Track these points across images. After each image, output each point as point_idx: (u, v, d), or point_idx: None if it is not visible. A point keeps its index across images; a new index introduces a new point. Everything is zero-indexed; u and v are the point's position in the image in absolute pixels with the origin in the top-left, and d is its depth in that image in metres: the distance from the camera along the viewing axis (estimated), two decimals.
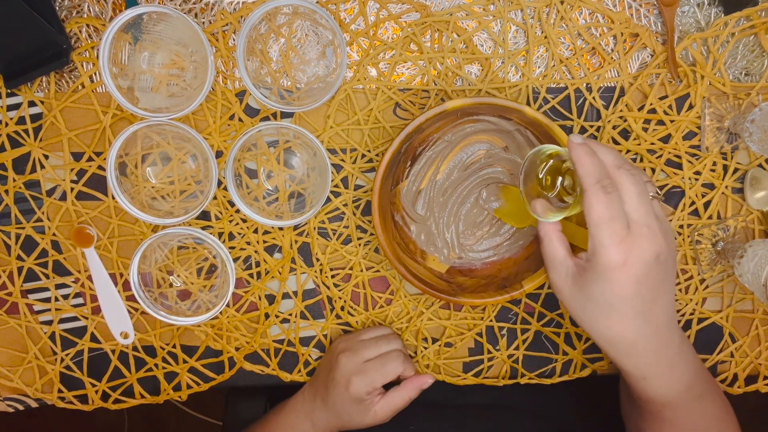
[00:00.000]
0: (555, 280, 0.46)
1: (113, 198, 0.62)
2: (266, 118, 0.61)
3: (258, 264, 0.64)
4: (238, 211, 0.62)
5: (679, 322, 0.64)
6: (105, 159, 0.58)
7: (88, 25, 0.60)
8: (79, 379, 0.66)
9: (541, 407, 0.68)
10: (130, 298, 0.64)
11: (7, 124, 0.61)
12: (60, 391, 0.66)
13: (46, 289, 0.64)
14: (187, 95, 0.59)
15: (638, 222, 0.41)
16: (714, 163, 0.62)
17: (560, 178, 0.48)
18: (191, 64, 0.60)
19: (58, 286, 0.64)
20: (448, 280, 0.61)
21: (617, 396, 0.61)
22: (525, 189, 0.49)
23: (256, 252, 0.63)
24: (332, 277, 0.64)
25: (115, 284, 0.63)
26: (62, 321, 0.65)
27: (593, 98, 0.61)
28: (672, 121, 0.61)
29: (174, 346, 0.65)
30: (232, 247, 0.63)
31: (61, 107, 0.61)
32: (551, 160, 0.48)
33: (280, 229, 0.63)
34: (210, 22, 0.60)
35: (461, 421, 0.65)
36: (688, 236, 0.63)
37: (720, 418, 0.51)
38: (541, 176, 0.48)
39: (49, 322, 0.65)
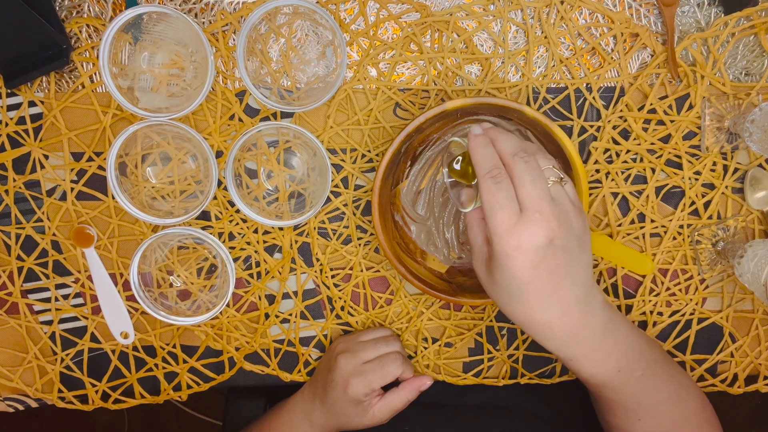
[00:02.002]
0: (474, 266, 0.48)
1: (113, 198, 0.62)
2: (266, 118, 0.61)
3: (258, 264, 0.64)
4: (238, 211, 0.62)
5: (675, 322, 0.64)
6: (105, 159, 0.58)
7: (88, 25, 0.60)
8: (79, 379, 0.66)
9: (536, 408, 0.68)
10: (130, 298, 0.64)
11: (7, 124, 0.61)
12: (60, 391, 0.66)
13: (46, 289, 0.64)
14: (187, 95, 0.59)
15: (529, 208, 0.42)
16: (714, 163, 0.62)
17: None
18: (191, 64, 0.60)
19: (58, 286, 0.64)
20: (448, 280, 0.61)
21: None
22: (450, 180, 0.51)
23: (256, 252, 0.63)
24: (332, 277, 0.64)
25: (115, 284, 0.63)
26: (62, 321, 0.65)
27: (593, 98, 0.61)
28: (672, 121, 0.61)
29: (174, 346, 0.65)
30: (232, 247, 0.63)
31: (61, 107, 0.61)
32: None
33: (280, 229, 0.63)
34: (210, 22, 0.60)
35: (456, 422, 0.65)
36: (688, 236, 0.63)
37: (673, 398, 0.51)
38: (456, 167, 0.50)
39: (49, 322, 0.65)
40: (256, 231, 0.63)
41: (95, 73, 0.61)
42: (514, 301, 0.45)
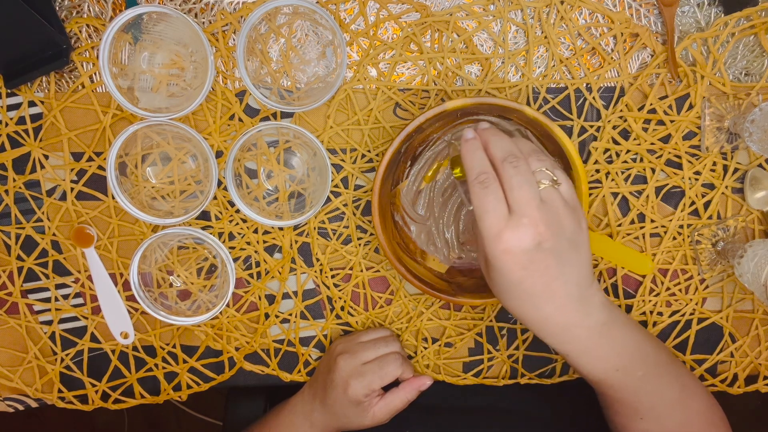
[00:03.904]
0: (479, 262, 0.50)
1: (113, 198, 0.62)
2: (266, 118, 0.61)
3: (258, 264, 0.64)
4: (238, 211, 0.62)
5: (675, 322, 0.64)
6: (105, 159, 0.58)
7: (88, 25, 0.60)
8: (79, 379, 0.66)
9: (536, 409, 0.68)
10: (130, 298, 0.64)
11: (7, 124, 0.61)
12: (60, 391, 0.66)
13: (46, 289, 0.64)
14: (187, 95, 0.59)
15: (517, 212, 0.43)
16: (714, 163, 0.62)
17: None
18: (191, 64, 0.60)
19: (58, 286, 0.64)
20: (448, 280, 0.61)
21: None
22: (459, 178, 0.53)
23: (256, 252, 0.63)
24: (332, 277, 0.64)
25: (115, 284, 0.63)
26: (62, 321, 0.65)
27: (593, 98, 0.61)
28: (672, 121, 0.61)
29: (174, 346, 0.65)
30: (232, 247, 0.63)
31: (61, 107, 0.61)
32: None
33: (280, 229, 0.63)
34: (210, 22, 0.60)
35: (456, 424, 0.65)
36: (688, 236, 0.63)
37: (677, 400, 0.51)
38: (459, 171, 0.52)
39: (49, 322, 0.65)
40: (256, 231, 0.63)
41: (95, 73, 0.61)
42: (509, 299, 0.46)
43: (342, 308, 0.64)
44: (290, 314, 0.65)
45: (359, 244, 0.63)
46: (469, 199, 0.52)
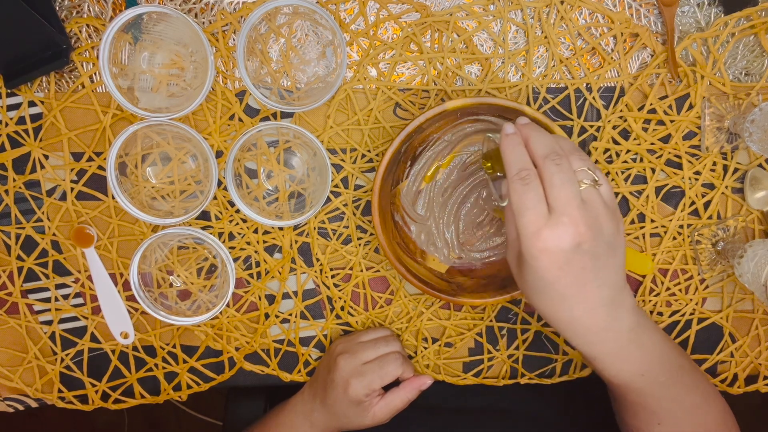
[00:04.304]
0: (508, 258, 0.49)
1: (113, 198, 0.62)
2: (266, 118, 0.61)
3: (258, 264, 0.64)
4: (238, 211, 0.62)
5: (675, 322, 0.64)
6: (105, 159, 0.58)
7: (88, 25, 0.60)
8: (79, 379, 0.66)
9: (537, 410, 0.68)
10: (130, 298, 0.64)
11: (7, 124, 0.61)
12: (60, 391, 0.66)
13: (46, 289, 0.64)
14: (187, 95, 0.59)
15: (558, 211, 0.42)
16: (714, 163, 0.62)
17: None
18: (191, 64, 0.60)
19: (58, 286, 0.64)
20: (448, 280, 0.61)
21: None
22: (490, 173, 0.52)
23: (256, 252, 0.63)
24: (332, 277, 0.64)
25: (115, 284, 0.63)
26: (62, 321, 0.65)
27: (593, 98, 0.61)
28: (672, 121, 0.61)
29: (174, 346, 0.65)
30: (232, 247, 0.63)
31: (61, 107, 0.61)
32: None
33: (280, 229, 0.63)
34: (210, 22, 0.60)
35: (455, 424, 0.65)
36: (688, 236, 0.63)
37: (696, 407, 0.51)
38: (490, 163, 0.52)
39: (49, 322, 0.65)
40: (256, 231, 0.63)
41: (95, 73, 0.61)
42: (541, 299, 0.45)
43: (342, 308, 0.64)
44: (290, 314, 0.65)
45: (359, 244, 0.63)
46: (501, 195, 0.51)
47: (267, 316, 0.64)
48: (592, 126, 0.61)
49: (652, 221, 0.62)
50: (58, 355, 0.65)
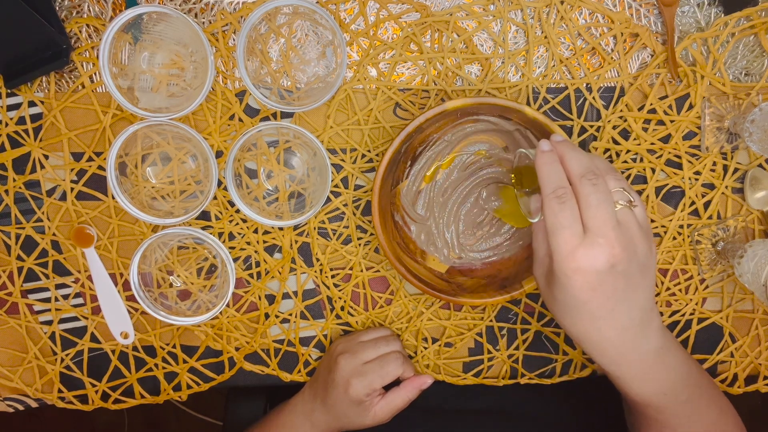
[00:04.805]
0: (535, 274, 0.49)
1: (113, 198, 0.62)
2: (266, 118, 0.61)
3: (258, 264, 0.64)
4: (238, 211, 0.62)
5: (675, 323, 0.64)
6: (105, 159, 0.58)
7: (88, 25, 0.60)
8: (79, 379, 0.66)
9: (537, 410, 0.68)
10: (130, 298, 0.64)
11: (7, 124, 0.61)
12: (60, 391, 0.66)
13: (46, 289, 0.64)
14: (187, 95, 0.59)
15: (593, 232, 0.41)
16: (714, 163, 0.62)
17: None
18: (191, 64, 0.60)
19: (58, 286, 0.64)
20: (448, 280, 0.61)
21: (613, 396, 0.61)
22: (519, 187, 0.52)
23: (256, 252, 0.63)
24: (332, 277, 0.64)
25: (115, 284, 0.63)
26: (62, 321, 0.65)
27: (593, 98, 0.61)
28: (672, 121, 0.61)
29: (174, 346, 0.65)
30: (232, 247, 0.63)
31: (61, 107, 0.61)
32: None
33: (280, 229, 0.63)
34: (210, 22, 0.60)
35: (455, 425, 0.65)
36: (688, 236, 0.63)
37: (713, 422, 0.51)
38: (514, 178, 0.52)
39: (49, 322, 0.65)
40: (256, 231, 0.63)
41: (95, 73, 0.61)
42: (570, 318, 0.45)
43: (342, 308, 0.64)
44: (290, 314, 0.65)
45: (359, 244, 0.63)
46: (529, 210, 0.50)
47: (267, 316, 0.64)
48: (592, 126, 0.61)
49: (652, 221, 0.62)
50: (58, 355, 0.65)
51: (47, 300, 0.64)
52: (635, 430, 0.56)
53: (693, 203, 0.62)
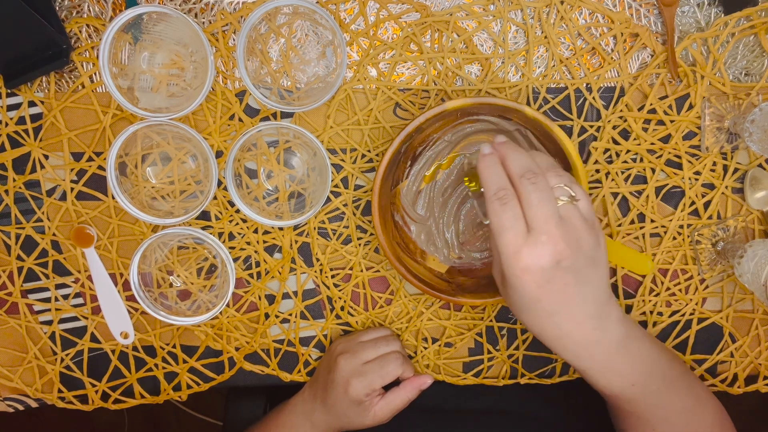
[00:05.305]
0: (494, 274, 0.49)
1: (113, 198, 0.62)
2: (266, 118, 0.61)
3: (258, 264, 0.64)
4: (238, 211, 0.62)
5: (675, 323, 0.64)
6: (105, 159, 0.58)
7: (88, 25, 0.60)
8: (79, 379, 0.66)
9: (537, 410, 0.68)
10: (130, 298, 0.64)
11: (7, 124, 0.61)
12: (60, 391, 0.66)
13: (46, 289, 0.64)
14: (187, 95, 0.59)
15: (536, 230, 0.42)
16: (714, 163, 0.62)
17: None
18: (191, 64, 0.60)
19: (58, 286, 0.64)
20: (448, 280, 0.61)
21: None
22: (474, 191, 0.53)
23: (256, 252, 0.63)
24: (332, 277, 0.64)
25: (115, 284, 0.63)
26: (62, 321, 0.65)
27: (593, 98, 0.61)
28: (672, 121, 0.61)
29: (174, 346, 0.65)
30: (232, 247, 0.63)
31: (61, 107, 0.61)
32: None
33: (280, 229, 0.63)
34: (210, 22, 0.60)
35: (455, 425, 0.65)
36: (688, 236, 0.63)
37: (689, 411, 0.51)
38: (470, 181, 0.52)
39: (49, 322, 0.65)
40: (256, 231, 0.63)
41: (95, 73, 0.61)
42: (527, 315, 0.45)
43: (342, 308, 0.64)
44: (290, 314, 0.65)
45: (359, 244, 0.63)
46: (485, 213, 0.51)
47: (267, 316, 0.64)
48: (592, 126, 0.61)
49: (652, 221, 0.62)
50: (58, 355, 0.65)
51: (47, 300, 0.64)
52: (615, 424, 0.56)
53: (693, 203, 0.62)
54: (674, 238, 0.63)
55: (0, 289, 0.64)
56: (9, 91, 0.61)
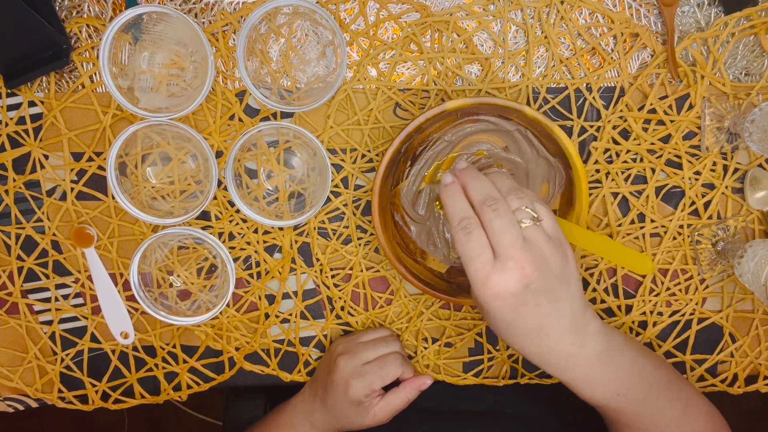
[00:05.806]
0: (472, 295, 0.47)
1: (113, 198, 0.62)
2: (266, 118, 0.61)
3: (258, 264, 0.64)
4: (238, 211, 0.62)
5: (675, 323, 0.64)
6: (105, 159, 0.58)
7: (88, 25, 0.60)
8: (79, 379, 0.66)
9: (536, 412, 0.67)
10: (130, 298, 0.64)
11: (7, 124, 0.61)
12: (60, 391, 0.66)
13: (46, 289, 0.64)
14: (187, 95, 0.59)
15: (502, 256, 0.42)
16: (714, 163, 0.62)
17: None
18: (191, 64, 0.60)
19: (58, 286, 0.64)
20: (448, 280, 0.61)
21: None
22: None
23: (256, 252, 0.63)
24: (332, 277, 0.64)
25: (115, 284, 0.63)
26: (62, 321, 0.65)
27: (593, 98, 0.61)
28: (672, 121, 0.61)
29: (174, 346, 0.65)
30: (232, 247, 0.63)
31: (61, 107, 0.61)
32: None
33: (280, 229, 0.63)
34: (210, 22, 0.60)
35: (454, 426, 0.65)
36: (688, 236, 0.63)
37: (679, 417, 0.51)
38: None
39: (49, 322, 0.65)
40: (256, 231, 0.63)
41: (95, 73, 0.61)
42: (506, 336, 0.46)
43: (342, 308, 0.64)
44: (290, 314, 0.65)
45: (359, 244, 0.63)
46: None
47: (267, 316, 0.64)
48: (592, 126, 0.61)
49: (652, 221, 0.62)
50: (58, 355, 0.65)
51: (47, 300, 0.64)
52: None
53: (693, 203, 0.62)
54: (674, 238, 0.63)
55: (0, 289, 0.64)
56: (9, 91, 0.61)
